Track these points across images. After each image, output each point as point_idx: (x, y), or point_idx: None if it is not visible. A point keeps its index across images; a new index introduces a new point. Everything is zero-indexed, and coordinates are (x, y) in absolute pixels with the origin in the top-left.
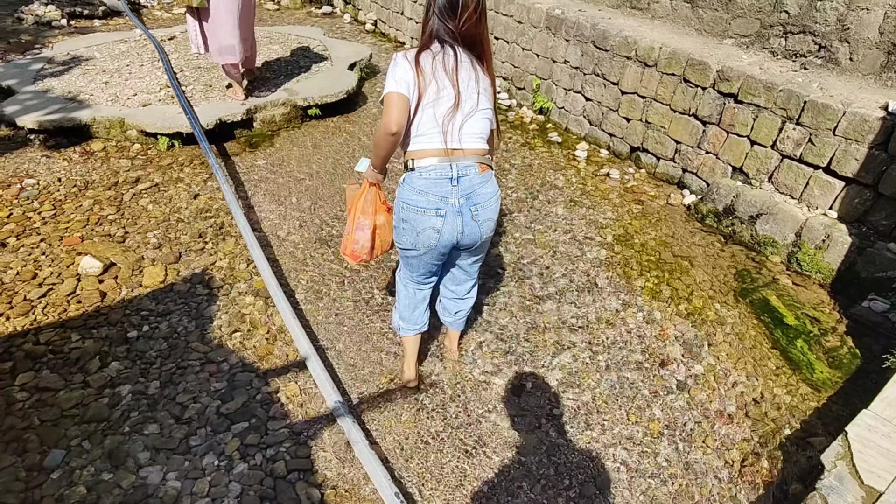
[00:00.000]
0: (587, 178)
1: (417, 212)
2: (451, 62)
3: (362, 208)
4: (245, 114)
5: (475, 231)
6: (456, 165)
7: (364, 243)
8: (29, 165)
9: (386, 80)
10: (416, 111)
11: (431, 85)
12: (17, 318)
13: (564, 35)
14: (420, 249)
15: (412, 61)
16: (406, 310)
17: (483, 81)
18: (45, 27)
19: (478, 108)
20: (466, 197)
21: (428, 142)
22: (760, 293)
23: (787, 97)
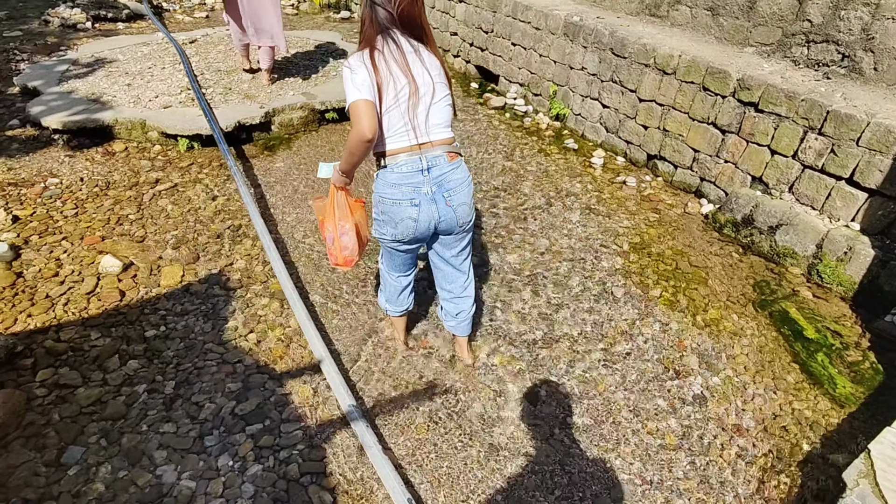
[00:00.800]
0: (603, 186)
1: (393, 203)
2: (399, 54)
3: (340, 215)
4: (263, 116)
5: (450, 215)
6: (426, 157)
7: (353, 247)
8: (52, 165)
9: (346, 88)
10: (381, 112)
11: (390, 83)
12: (39, 315)
13: (582, 42)
14: (400, 238)
15: (368, 65)
16: (392, 295)
17: (433, 65)
18: (70, 30)
19: (438, 97)
20: (438, 184)
21: (400, 140)
22: (780, 305)
23: (809, 107)
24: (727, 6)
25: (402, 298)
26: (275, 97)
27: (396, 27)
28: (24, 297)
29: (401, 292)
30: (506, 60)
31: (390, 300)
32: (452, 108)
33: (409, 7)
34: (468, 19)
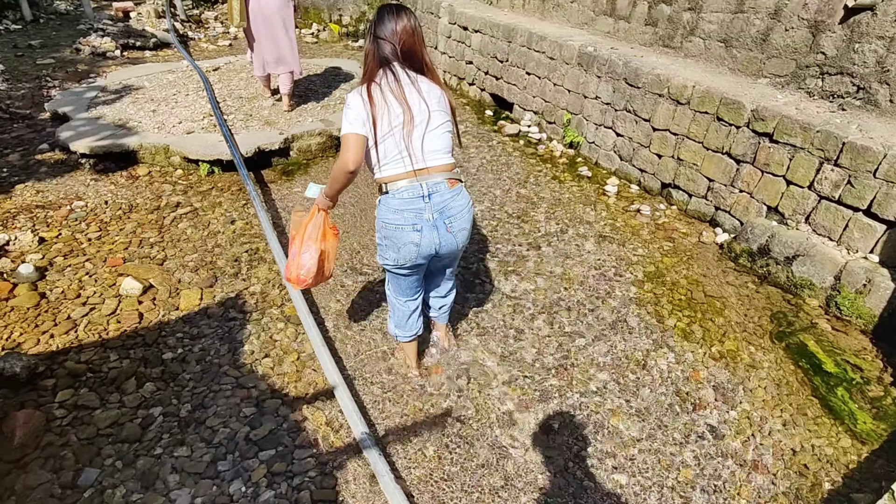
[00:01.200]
0: (617, 214)
1: (396, 229)
2: (396, 85)
3: (310, 234)
4: (282, 142)
5: (451, 241)
6: (426, 184)
7: (310, 267)
8: (79, 188)
9: (344, 117)
10: (377, 141)
11: (384, 113)
12: (61, 336)
13: (596, 72)
14: (402, 263)
15: (364, 97)
16: (401, 320)
17: (432, 95)
18: (100, 57)
19: (434, 124)
20: (440, 211)
21: (396, 167)
22: (798, 337)
23: (824, 138)
24: (740, 38)
25: (410, 323)
26: (294, 123)
27: (398, 60)
28: (47, 317)
29: (409, 316)
30: (520, 89)
31: (399, 325)
32: (455, 135)
33: (408, 40)
34: (483, 49)
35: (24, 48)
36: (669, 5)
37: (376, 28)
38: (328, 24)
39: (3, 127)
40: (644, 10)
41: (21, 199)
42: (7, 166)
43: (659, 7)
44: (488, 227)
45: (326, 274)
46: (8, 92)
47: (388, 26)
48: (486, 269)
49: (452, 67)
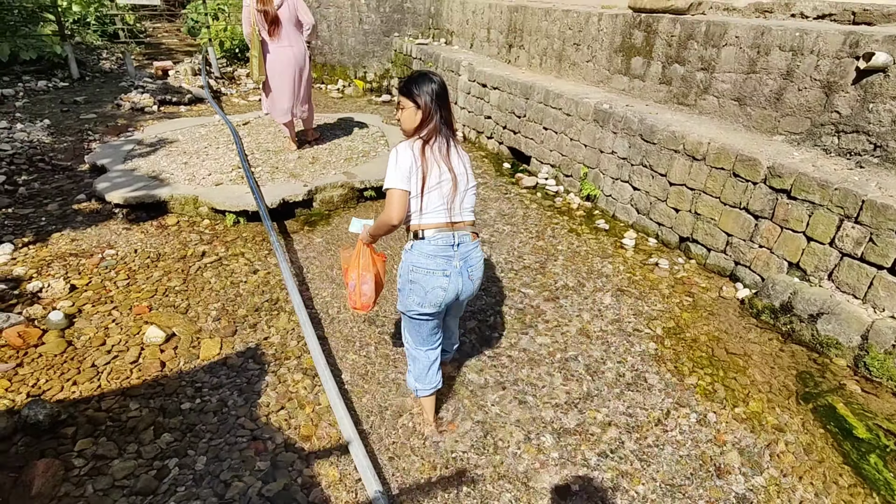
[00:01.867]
0: (635, 267)
1: (427, 273)
2: (445, 149)
3: (363, 265)
4: (306, 194)
5: (470, 287)
6: (456, 234)
7: (371, 294)
8: (111, 237)
9: (389, 170)
10: (422, 193)
11: (433, 170)
12: (84, 383)
13: (612, 128)
14: (426, 308)
15: (417, 154)
16: (421, 373)
17: (465, 159)
18: (138, 112)
19: (468, 185)
20: (464, 260)
21: (436, 217)
22: (825, 399)
23: (843, 195)
24: (754, 97)
25: (430, 375)
26: (318, 176)
27: (446, 126)
28: (72, 364)
29: (429, 368)
30: (537, 143)
31: (419, 378)
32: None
33: (448, 113)
34: (502, 105)
35: (70, 104)
36: (683, 65)
37: (440, 97)
38: (353, 80)
39: (45, 178)
40: (658, 69)
41: (56, 248)
42: (46, 215)
43: (672, 67)
44: (505, 279)
45: (380, 287)
46: (52, 145)
47: (439, 90)
48: (502, 322)
49: (471, 122)
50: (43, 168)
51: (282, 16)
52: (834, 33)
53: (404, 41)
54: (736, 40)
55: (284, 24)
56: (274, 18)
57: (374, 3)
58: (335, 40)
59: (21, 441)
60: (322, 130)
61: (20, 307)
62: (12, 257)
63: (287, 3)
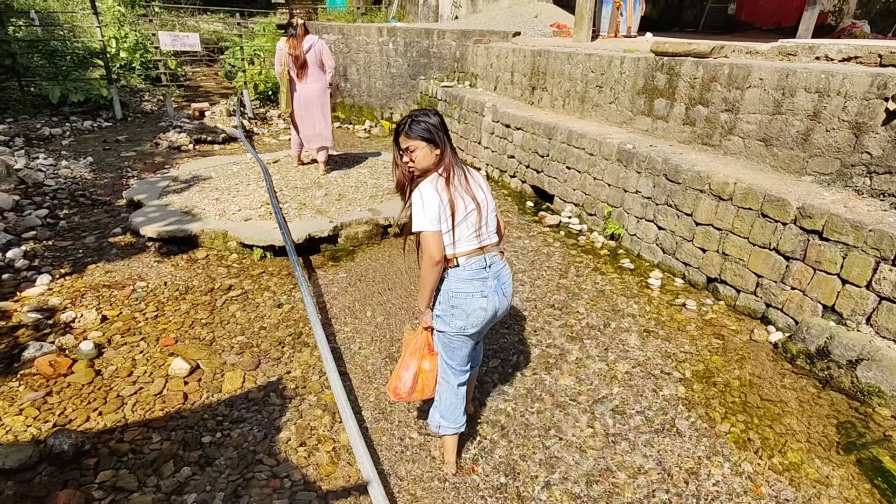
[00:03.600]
0: (661, 308)
1: (467, 296)
2: (464, 180)
3: (412, 352)
4: (332, 230)
5: (505, 303)
6: (487, 257)
7: (406, 382)
8: (143, 269)
9: (416, 214)
10: (454, 227)
11: (459, 203)
12: (109, 414)
13: (636, 168)
14: (470, 329)
15: (443, 192)
16: (448, 410)
17: (483, 184)
18: (175, 151)
19: (491, 208)
20: (497, 278)
21: (468, 245)
22: (870, 451)
23: (878, 237)
24: (780, 138)
25: (457, 414)
26: (343, 212)
27: (455, 156)
28: (99, 394)
29: (458, 406)
30: (561, 182)
31: (446, 416)
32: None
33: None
34: (525, 144)
35: (112, 142)
36: (706, 107)
37: (445, 130)
38: (380, 120)
39: (85, 212)
40: (681, 110)
41: (91, 279)
42: (83, 248)
43: (696, 108)
44: (529, 318)
45: (424, 394)
46: (93, 181)
47: (447, 129)
48: (526, 361)
49: (495, 161)
50: (83, 203)
51: (309, 59)
52: (861, 75)
53: (430, 84)
54: (760, 82)
55: (310, 66)
56: (303, 62)
57: (401, 48)
58: (363, 83)
59: (45, 471)
60: (348, 168)
61: (53, 336)
62: (49, 288)
63: (314, 49)
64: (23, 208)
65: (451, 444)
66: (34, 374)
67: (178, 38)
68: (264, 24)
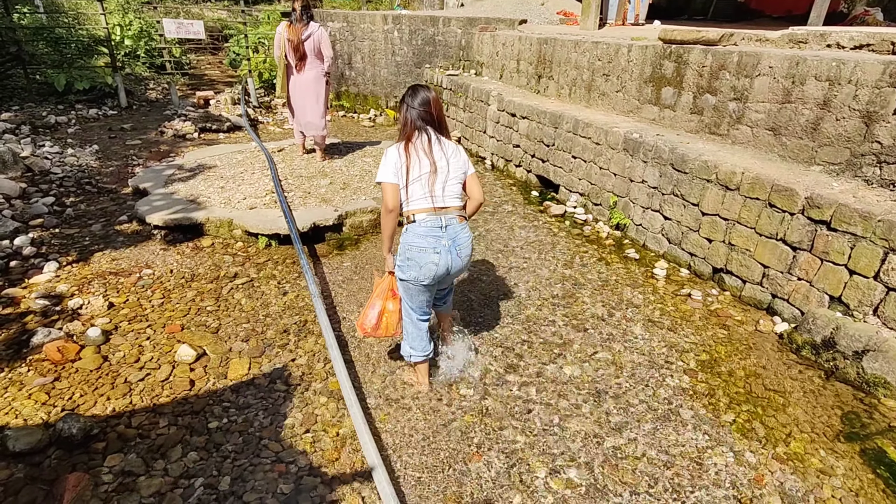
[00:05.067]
0: (666, 298)
1: (420, 251)
2: (426, 144)
3: (378, 293)
4: (336, 219)
5: (459, 263)
6: (443, 218)
7: (371, 319)
8: (149, 257)
9: (380, 168)
10: (407, 185)
11: (415, 164)
12: (117, 399)
13: (642, 157)
14: (422, 279)
15: (401, 152)
16: (414, 341)
17: (450, 151)
18: (180, 139)
19: (451, 175)
20: (452, 240)
21: (422, 203)
22: (874, 441)
23: (887, 227)
24: (789, 127)
25: (423, 344)
26: (348, 201)
27: (432, 126)
28: (106, 380)
29: (422, 337)
30: (566, 171)
31: (414, 346)
32: (469, 177)
33: (439, 113)
34: (531, 133)
35: (118, 131)
36: (714, 95)
37: (411, 100)
38: (385, 109)
39: (91, 200)
40: (689, 99)
41: (98, 266)
42: (90, 236)
43: (704, 97)
44: (533, 307)
45: (388, 331)
46: (99, 169)
47: (422, 98)
48: (529, 351)
49: (500, 150)
50: (89, 191)
51: (306, 47)
52: (873, 63)
53: (435, 72)
54: (770, 70)
55: (308, 54)
56: (301, 51)
57: (406, 36)
58: (368, 72)
59: (54, 454)
60: (353, 157)
61: (61, 322)
62: (56, 275)
63: (313, 38)
64: (30, 196)
65: (422, 368)
66: (43, 360)
67: (183, 25)
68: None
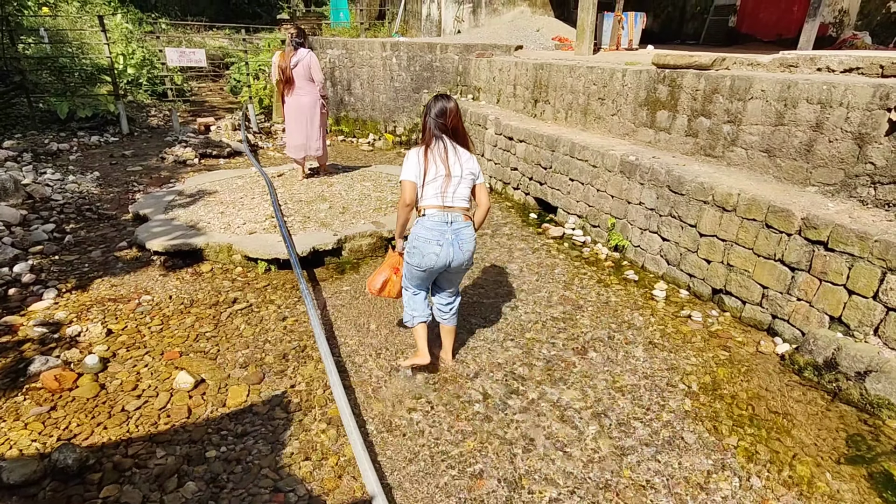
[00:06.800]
0: (667, 320)
1: (425, 241)
2: (443, 152)
3: (388, 265)
4: (336, 243)
5: (461, 256)
6: (449, 214)
7: (377, 283)
8: (148, 283)
9: (403, 167)
10: (424, 184)
11: (431, 168)
12: (113, 428)
13: (639, 179)
14: (423, 266)
15: (421, 156)
16: (413, 304)
17: (464, 159)
18: (181, 165)
19: (462, 181)
20: (455, 234)
21: (434, 200)
22: (880, 465)
23: (884, 248)
24: (783, 149)
25: (420, 307)
26: (347, 225)
27: (446, 133)
28: (103, 409)
29: (419, 303)
30: (564, 194)
31: (415, 309)
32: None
33: (455, 122)
34: (528, 157)
35: (119, 157)
36: (709, 118)
37: (432, 110)
38: (383, 133)
39: (91, 226)
40: (684, 122)
41: (97, 293)
42: (89, 262)
43: (698, 120)
44: (533, 330)
45: (391, 294)
46: (100, 195)
47: (440, 108)
48: (530, 374)
49: (498, 173)
50: (90, 217)
51: (296, 73)
52: (863, 86)
53: None
54: (762, 94)
55: (297, 80)
56: (288, 76)
57: (405, 62)
58: (367, 97)
59: (49, 486)
60: (352, 181)
61: (59, 350)
62: (55, 302)
63: (301, 64)
64: (30, 223)
65: (421, 331)
66: (39, 389)
67: (185, 53)
68: (269, 40)
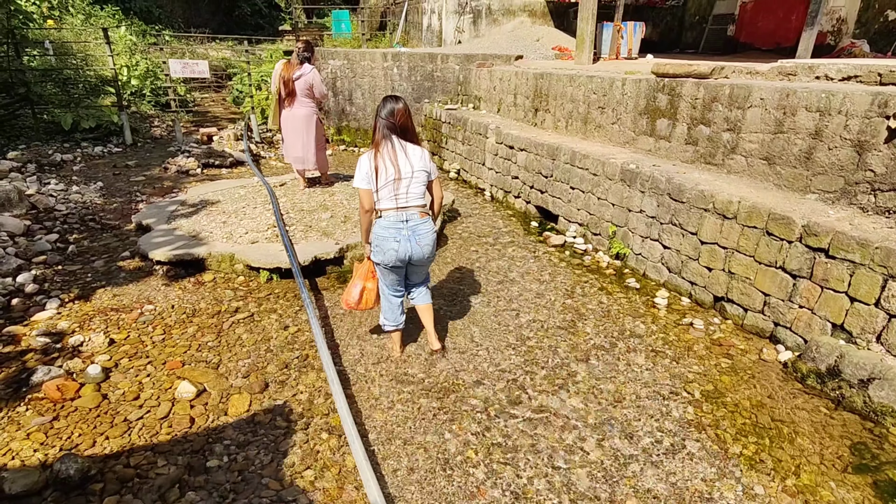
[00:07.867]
0: (669, 327)
1: (384, 239)
2: (392, 152)
3: (359, 274)
4: (338, 252)
5: (419, 251)
6: (405, 213)
7: (354, 295)
8: (151, 293)
9: (356, 174)
10: (377, 188)
11: (382, 171)
12: (116, 438)
13: (639, 187)
14: (387, 262)
15: (371, 160)
16: (388, 314)
17: (415, 157)
18: (183, 175)
19: (413, 180)
20: (412, 230)
21: (388, 203)
22: (885, 473)
23: (885, 255)
24: (783, 156)
25: (395, 315)
26: (349, 234)
27: (396, 134)
28: (105, 419)
29: (394, 310)
30: (565, 202)
31: (388, 317)
32: (433, 181)
33: (403, 121)
34: (529, 165)
35: (122, 167)
36: (708, 126)
37: (382, 111)
38: None
39: (94, 236)
40: (683, 130)
41: (99, 303)
42: (92, 272)
43: (698, 128)
44: (535, 338)
45: (368, 305)
46: (103, 205)
47: (389, 109)
48: (532, 382)
49: (498, 182)
50: (93, 227)
51: (297, 85)
52: (861, 94)
53: (434, 106)
54: (761, 102)
55: (298, 93)
56: (290, 89)
57: (406, 72)
58: (369, 107)
59: (51, 496)
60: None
61: (61, 360)
62: (58, 312)
63: (304, 77)
64: (33, 233)
65: (396, 337)
66: (42, 399)
67: (188, 65)
68: (271, 51)
